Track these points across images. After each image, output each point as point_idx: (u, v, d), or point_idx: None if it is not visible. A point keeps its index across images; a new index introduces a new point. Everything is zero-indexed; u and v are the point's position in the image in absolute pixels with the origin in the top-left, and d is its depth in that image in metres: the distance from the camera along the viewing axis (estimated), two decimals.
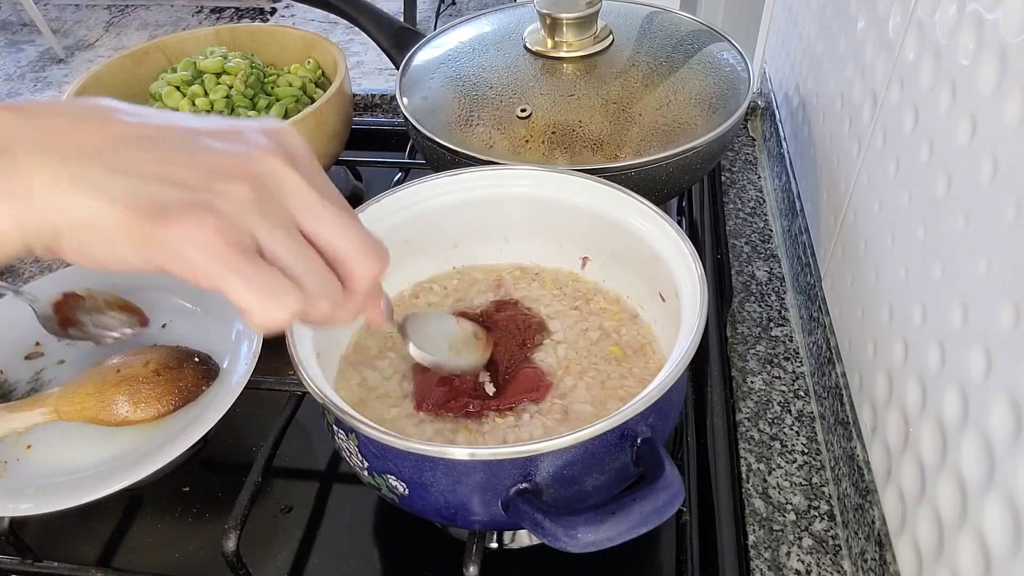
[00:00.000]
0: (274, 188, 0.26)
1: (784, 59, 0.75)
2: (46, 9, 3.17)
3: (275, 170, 0.26)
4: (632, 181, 0.52)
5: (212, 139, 0.27)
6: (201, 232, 0.24)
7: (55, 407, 0.46)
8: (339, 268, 0.28)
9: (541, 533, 0.31)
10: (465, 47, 0.63)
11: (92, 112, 0.26)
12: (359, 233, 0.28)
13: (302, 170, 0.27)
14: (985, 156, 0.32)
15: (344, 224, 0.28)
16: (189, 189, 0.25)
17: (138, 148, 0.25)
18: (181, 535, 0.48)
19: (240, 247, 0.25)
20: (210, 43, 0.73)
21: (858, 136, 0.50)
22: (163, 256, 0.24)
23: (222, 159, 0.26)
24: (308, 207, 0.27)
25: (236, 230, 0.25)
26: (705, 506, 0.47)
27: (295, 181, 0.27)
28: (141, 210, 0.24)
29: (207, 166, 0.25)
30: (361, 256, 0.28)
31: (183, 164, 0.25)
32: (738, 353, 0.57)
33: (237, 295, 0.25)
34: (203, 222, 0.24)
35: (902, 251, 0.41)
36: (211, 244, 0.24)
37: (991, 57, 0.32)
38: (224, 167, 0.25)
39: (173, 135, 0.26)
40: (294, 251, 0.26)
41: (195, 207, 0.24)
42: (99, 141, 0.25)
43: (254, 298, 0.25)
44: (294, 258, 0.26)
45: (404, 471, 0.35)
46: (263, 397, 0.50)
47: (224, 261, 0.24)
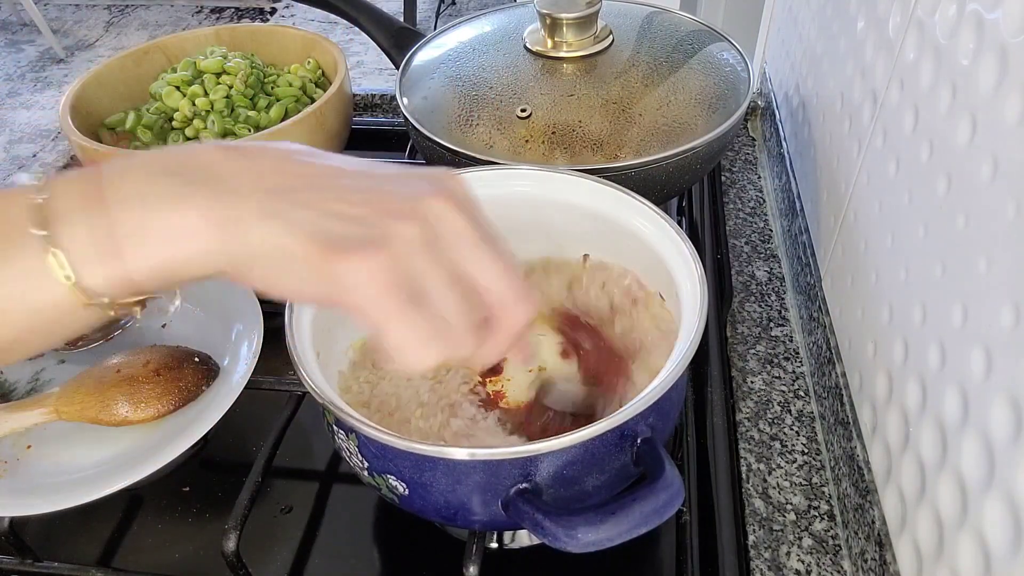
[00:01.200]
0: (440, 230, 0.28)
1: (784, 59, 0.75)
2: (46, 9, 3.17)
3: (442, 212, 0.28)
4: (632, 181, 0.52)
5: (386, 181, 0.29)
6: (374, 270, 0.25)
7: (55, 407, 0.46)
8: (491, 310, 0.29)
9: (541, 533, 0.31)
10: (465, 47, 0.63)
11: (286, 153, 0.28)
12: (515, 279, 0.29)
13: (466, 213, 0.28)
14: (985, 156, 0.32)
15: (502, 269, 0.29)
16: (368, 226, 0.26)
17: (324, 187, 0.27)
18: (181, 535, 0.48)
19: (407, 288, 0.26)
20: (210, 43, 0.73)
21: (858, 136, 0.50)
22: (338, 289, 0.26)
23: (395, 199, 0.27)
24: (471, 250, 0.28)
25: (405, 269, 0.26)
26: (705, 506, 0.47)
27: (460, 223, 0.28)
28: (324, 244, 0.25)
29: (382, 205, 0.27)
30: (514, 301, 0.29)
31: (362, 203, 0.27)
32: (738, 353, 0.57)
33: (397, 336, 0.26)
34: (377, 260, 0.25)
35: (902, 251, 0.41)
36: (382, 282, 0.26)
37: (991, 57, 0.32)
38: (397, 207, 0.27)
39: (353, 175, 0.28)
40: (452, 294, 0.27)
41: (371, 245, 0.26)
42: (294, 180, 0.27)
43: (412, 342, 0.27)
44: (450, 302, 0.27)
45: (404, 471, 0.35)
46: (263, 397, 0.50)
47: (393, 301, 0.26)
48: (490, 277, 0.29)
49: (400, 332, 0.26)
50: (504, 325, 0.30)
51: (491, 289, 0.29)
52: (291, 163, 0.28)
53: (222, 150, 0.27)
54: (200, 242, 0.26)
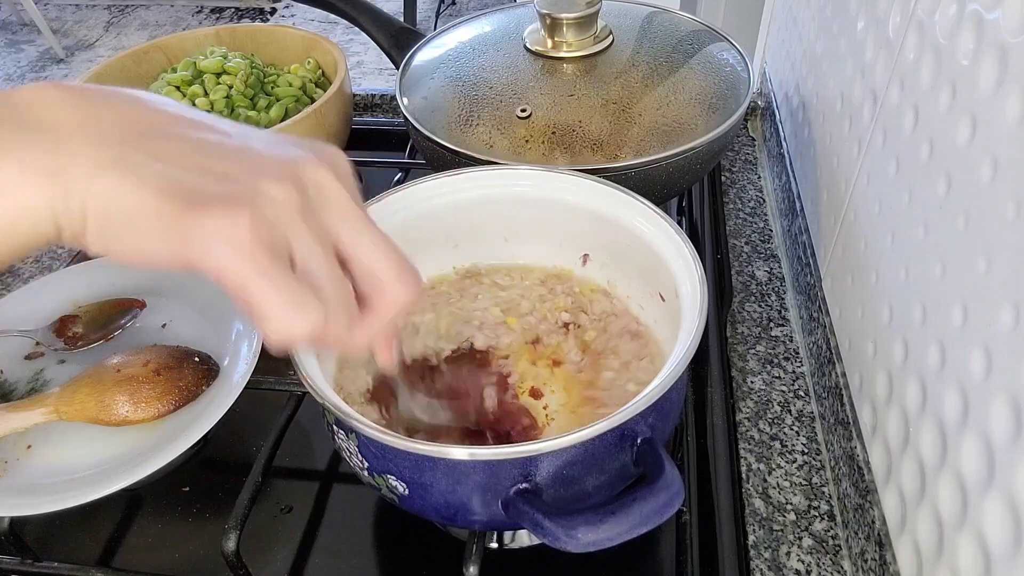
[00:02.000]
0: (319, 198, 0.25)
1: (784, 59, 0.75)
2: (46, 9, 3.17)
3: (323, 181, 0.26)
4: (632, 181, 0.52)
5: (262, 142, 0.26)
6: (235, 228, 0.23)
7: (55, 407, 0.46)
8: (370, 287, 0.27)
9: (541, 533, 0.31)
10: (465, 47, 0.63)
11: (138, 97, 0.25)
12: (399, 256, 0.28)
13: (347, 186, 0.27)
14: (985, 156, 0.32)
15: (385, 245, 0.27)
16: (231, 183, 0.23)
17: (182, 138, 0.24)
18: (181, 535, 0.48)
19: (273, 251, 0.23)
20: (210, 43, 0.73)
21: (858, 136, 0.50)
22: (190, 249, 0.23)
23: (270, 160, 0.25)
24: (353, 221, 0.26)
25: (273, 233, 0.24)
26: (705, 506, 0.46)
27: (342, 195, 0.26)
28: (175, 197, 0.22)
29: (254, 163, 0.24)
30: (397, 279, 0.27)
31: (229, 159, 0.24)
32: (738, 353, 0.57)
33: (261, 300, 0.24)
34: (239, 217, 0.23)
35: (902, 251, 0.41)
36: (244, 242, 0.23)
37: (991, 57, 0.32)
38: (272, 168, 0.25)
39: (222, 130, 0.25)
40: (325, 264, 0.25)
41: (234, 201, 0.23)
42: (144, 127, 0.24)
43: (277, 306, 0.24)
44: (323, 271, 0.25)
45: (404, 471, 0.35)
46: (263, 397, 0.50)
47: (254, 262, 0.23)
48: (371, 251, 0.26)
49: (263, 297, 0.23)
50: (383, 303, 0.27)
51: (373, 262, 0.27)
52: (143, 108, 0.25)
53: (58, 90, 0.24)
54: (24, 197, 0.22)
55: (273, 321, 0.24)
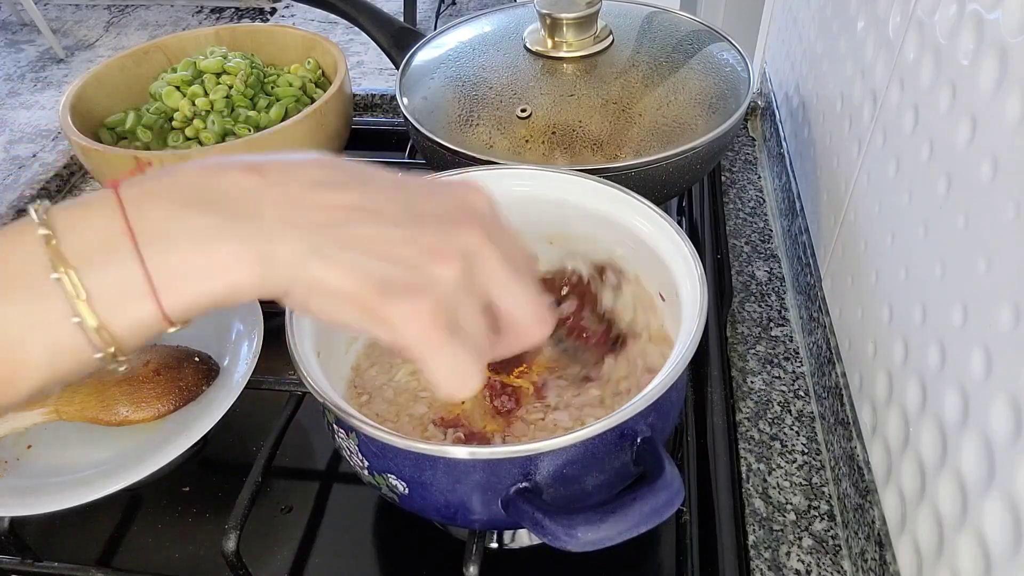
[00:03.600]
0: (476, 267, 0.29)
1: (784, 59, 0.75)
2: (46, 9, 3.17)
3: (477, 247, 0.29)
4: (632, 181, 0.52)
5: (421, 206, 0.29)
6: (420, 315, 0.27)
7: (55, 407, 0.45)
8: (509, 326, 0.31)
9: (541, 532, 0.31)
10: (465, 47, 0.63)
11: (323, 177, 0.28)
12: (537, 305, 0.31)
13: (496, 241, 0.30)
14: (985, 156, 0.32)
15: (527, 296, 0.31)
16: (410, 269, 0.27)
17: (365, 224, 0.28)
18: (181, 535, 0.47)
19: (447, 328, 0.28)
20: (210, 43, 0.73)
21: (858, 136, 0.50)
22: (383, 328, 0.27)
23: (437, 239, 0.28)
24: (501, 281, 0.30)
25: (445, 310, 0.28)
26: (705, 506, 0.46)
27: (492, 259, 0.29)
28: (371, 288, 0.27)
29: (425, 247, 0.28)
30: (533, 325, 0.31)
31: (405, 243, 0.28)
32: (738, 353, 0.57)
33: (436, 372, 0.28)
34: (422, 305, 0.27)
35: (902, 251, 0.41)
36: (427, 325, 0.27)
37: (991, 57, 0.32)
38: (439, 249, 0.28)
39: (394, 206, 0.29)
40: (479, 324, 0.29)
41: (416, 290, 0.27)
42: (331, 215, 0.27)
43: (448, 377, 0.28)
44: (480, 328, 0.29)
45: (404, 470, 0.35)
46: (263, 397, 0.50)
47: (434, 341, 0.27)
48: (515, 303, 0.30)
49: (439, 370, 0.28)
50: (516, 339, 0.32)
51: (514, 313, 0.31)
52: (329, 191, 0.28)
53: (245, 172, 0.27)
54: (238, 277, 0.26)
55: (450, 388, 0.29)
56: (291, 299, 0.28)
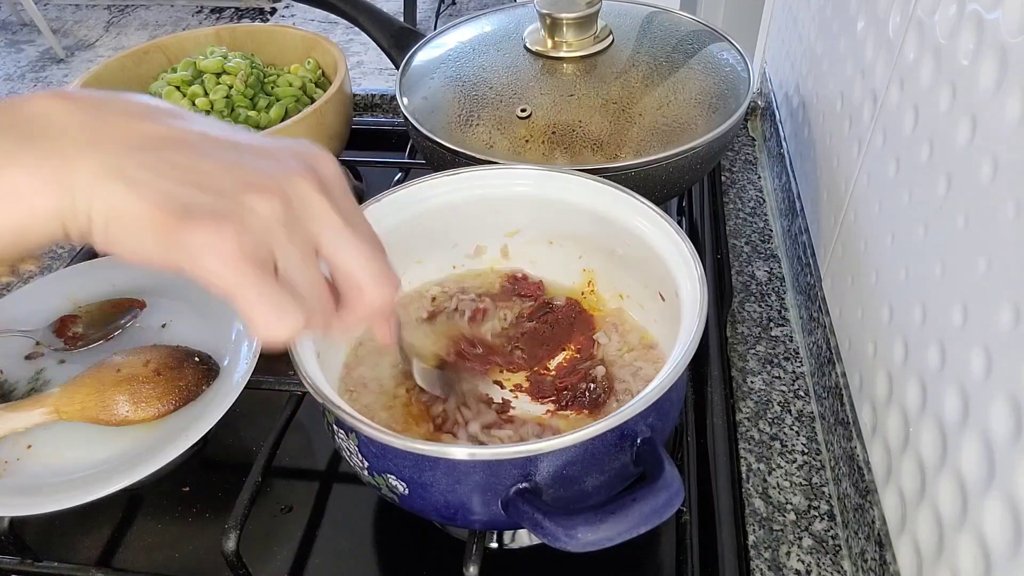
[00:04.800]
0: (301, 209, 0.27)
1: (784, 59, 0.75)
2: (46, 9, 3.17)
3: (305, 192, 0.28)
4: (632, 181, 0.52)
5: (250, 154, 0.28)
6: (221, 241, 0.25)
7: (55, 407, 0.46)
8: (348, 288, 0.30)
9: (541, 533, 0.31)
10: (465, 47, 0.63)
11: (140, 110, 0.27)
12: (375, 261, 0.30)
13: (332, 195, 0.29)
14: (985, 156, 0.32)
15: (362, 251, 0.29)
16: (219, 197, 0.26)
17: (178, 151, 0.26)
18: (181, 535, 0.48)
19: (257, 261, 0.26)
20: (210, 43, 0.73)
21: (858, 136, 0.50)
22: (183, 257, 0.25)
23: (257, 174, 0.27)
24: (331, 231, 0.28)
25: (256, 244, 0.26)
26: (705, 506, 0.46)
27: (322, 205, 0.28)
28: (170, 211, 0.25)
29: (241, 178, 0.26)
30: (373, 283, 0.30)
31: (218, 173, 0.26)
32: (738, 353, 0.57)
33: (246, 307, 0.26)
34: (225, 232, 0.25)
35: (902, 251, 0.41)
36: (229, 254, 0.25)
37: (991, 57, 0.32)
38: (258, 182, 0.27)
39: (214, 144, 0.27)
40: (304, 270, 0.28)
41: (221, 216, 0.25)
42: (143, 140, 0.26)
43: (261, 312, 0.26)
44: (303, 276, 0.28)
45: (404, 471, 0.35)
46: (263, 397, 0.50)
47: (239, 273, 0.25)
48: (350, 258, 0.29)
49: (247, 303, 0.26)
50: (359, 304, 0.30)
51: (350, 269, 0.29)
52: (144, 121, 0.26)
53: (61, 99, 0.26)
54: (33, 204, 0.24)
55: (258, 324, 0.27)
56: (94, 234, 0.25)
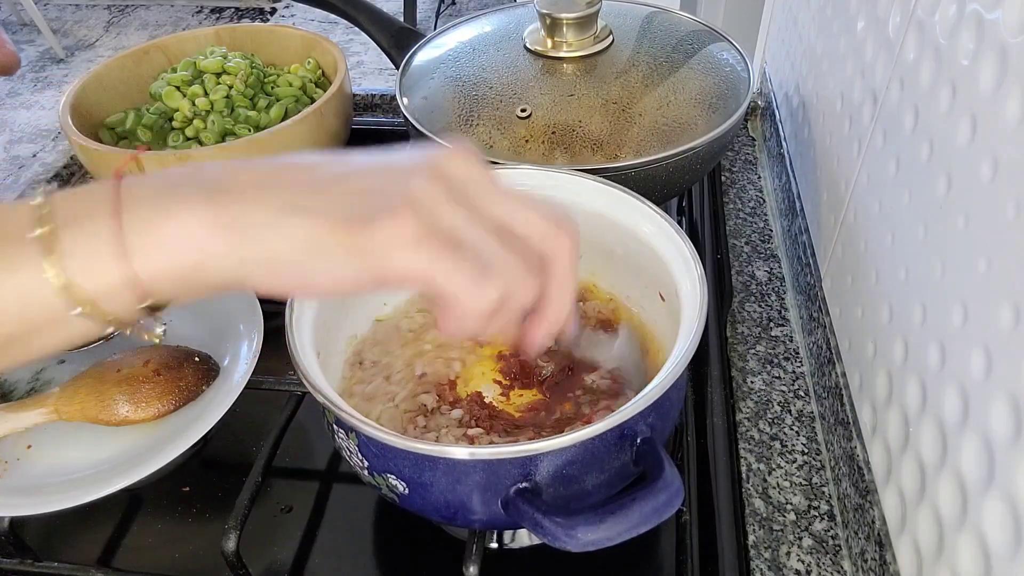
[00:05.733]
0: (461, 184, 0.28)
1: (784, 59, 0.75)
2: (46, 9, 3.17)
3: (458, 167, 0.28)
4: (632, 181, 0.52)
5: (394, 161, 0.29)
6: (404, 228, 0.26)
7: (55, 407, 0.46)
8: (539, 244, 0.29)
9: (541, 532, 0.31)
10: (465, 47, 0.63)
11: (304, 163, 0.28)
12: (549, 210, 0.29)
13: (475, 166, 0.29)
14: (985, 156, 0.32)
15: (534, 204, 0.29)
16: (383, 196, 0.27)
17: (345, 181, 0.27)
18: (181, 535, 0.48)
19: (443, 239, 0.26)
20: (210, 43, 0.73)
21: (858, 136, 0.50)
22: (375, 260, 0.26)
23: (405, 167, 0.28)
24: (498, 194, 0.28)
25: (436, 223, 0.26)
26: (705, 506, 0.46)
27: (481, 174, 0.29)
28: (351, 221, 0.26)
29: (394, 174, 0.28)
30: (556, 227, 0.29)
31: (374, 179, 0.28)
32: (738, 353, 0.57)
33: (446, 283, 0.26)
34: (404, 219, 0.26)
35: (902, 251, 0.41)
36: (415, 238, 0.26)
37: (991, 57, 0.32)
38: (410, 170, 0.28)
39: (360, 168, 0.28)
40: (488, 238, 0.27)
41: (393, 208, 0.26)
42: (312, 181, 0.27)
43: (463, 285, 0.26)
44: (489, 245, 0.27)
45: (404, 470, 0.35)
46: (263, 397, 0.50)
47: (430, 252, 0.26)
48: (520, 213, 0.29)
49: (447, 279, 0.26)
50: (557, 256, 0.29)
51: (528, 224, 0.29)
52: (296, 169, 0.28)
53: (228, 163, 0.28)
54: (211, 244, 0.26)
55: (463, 297, 0.27)
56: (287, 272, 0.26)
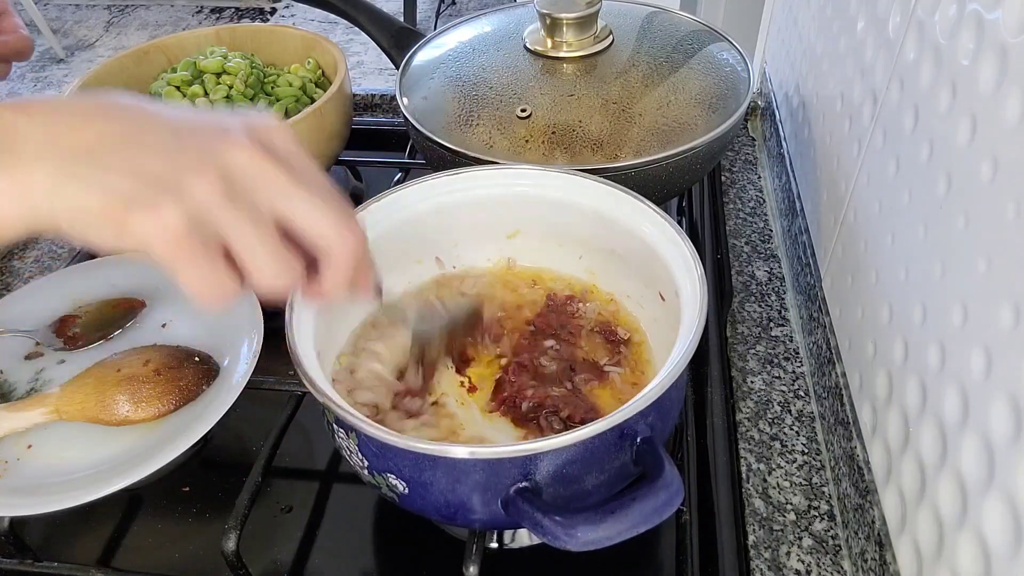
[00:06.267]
0: (245, 180, 0.29)
1: (784, 59, 0.75)
2: (46, 9, 3.17)
3: (246, 162, 0.29)
4: (632, 181, 0.52)
5: (192, 136, 0.29)
6: (158, 225, 0.27)
7: (55, 407, 0.46)
8: (317, 247, 0.31)
9: (541, 532, 0.31)
10: (465, 47, 0.63)
11: (90, 110, 0.29)
12: (333, 211, 0.30)
13: (277, 158, 0.29)
14: (985, 156, 0.32)
15: (316, 204, 0.30)
16: (158, 184, 0.28)
17: (124, 146, 0.28)
18: (181, 535, 0.48)
19: (195, 240, 0.28)
20: (210, 43, 0.73)
21: (858, 136, 0.50)
22: (134, 242, 0.28)
23: (193, 154, 0.29)
24: (280, 192, 0.29)
25: (196, 223, 0.28)
26: (705, 506, 0.47)
27: (264, 169, 0.29)
28: (118, 203, 0.27)
29: (179, 161, 0.28)
30: (333, 232, 0.30)
31: (158, 160, 0.28)
32: (738, 353, 0.57)
33: (186, 283, 0.28)
34: (161, 216, 0.27)
35: (902, 251, 0.41)
36: (166, 236, 0.27)
37: (991, 57, 0.32)
38: (192, 163, 0.28)
39: (157, 131, 0.29)
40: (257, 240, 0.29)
41: (159, 200, 0.27)
42: (93, 141, 0.28)
43: (194, 285, 0.29)
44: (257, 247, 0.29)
45: (404, 470, 0.35)
46: (263, 397, 0.50)
47: (175, 251, 0.28)
48: (306, 214, 0.30)
49: (187, 280, 0.28)
50: (333, 258, 0.31)
51: (309, 224, 0.30)
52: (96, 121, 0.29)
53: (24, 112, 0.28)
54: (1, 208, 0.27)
55: (194, 296, 0.29)
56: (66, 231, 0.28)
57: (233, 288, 0.29)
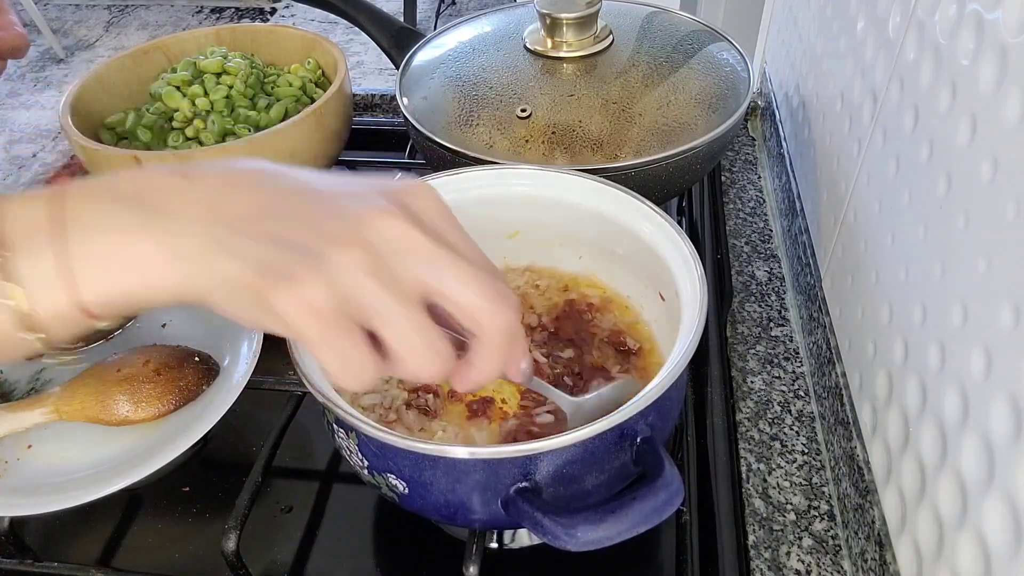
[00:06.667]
0: (390, 252, 0.27)
1: (784, 59, 0.75)
2: (46, 9, 3.17)
3: (390, 232, 0.27)
4: (632, 181, 0.52)
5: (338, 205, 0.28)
6: (303, 298, 0.26)
7: (55, 407, 0.45)
8: (469, 322, 0.28)
9: (541, 532, 0.31)
10: (465, 47, 0.63)
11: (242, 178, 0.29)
12: (485, 284, 0.28)
13: (423, 226, 0.28)
14: (985, 156, 0.32)
15: (468, 275, 0.28)
16: (302, 253, 0.26)
17: (271, 217, 0.27)
18: (181, 535, 0.48)
19: (340, 317, 0.26)
20: (210, 43, 0.73)
21: (858, 136, 0.50)
22: (274, 317, 0.26)
23: (339, 223, 0.27)
24: (428, 263, 0.27)
25: (342, 296, 0.26)
26: (705, 506, 0.47)
27: (411, 239, 0.27)
28: (260, 274, 0.26)
29: (324, 229, 0.27)
30: (489, 308, 0.28)
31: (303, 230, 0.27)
32: (738, 353, 0.57)
33: (324, 363, 0.27)
34: (306, 288, 0.26)
35: (902, 251, 0.41)
36: (309, 310, 0.26)
37: (991, 57, 0.32)
38: (336, 234, 0.27)
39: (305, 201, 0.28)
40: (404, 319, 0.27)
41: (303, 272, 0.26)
42: (244, 210, 0.27)
43: (334, 366, 0.27)
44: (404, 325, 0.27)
45: (404, 470, 0.35)
46: (263, 397, 0.50)
47: (318, 328, 0.26)
48: (455, 287, 0.27)
49: (325, 361, 0.27)
50: (485, 336, 0.29)
51: (460, 300, 0.28)
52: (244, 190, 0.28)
53: (177, 176, 0.28)
54: (156, 275, 0.27)
55: (333, 377, 0.28)
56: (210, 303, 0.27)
57: (376, 370, 0.28)
